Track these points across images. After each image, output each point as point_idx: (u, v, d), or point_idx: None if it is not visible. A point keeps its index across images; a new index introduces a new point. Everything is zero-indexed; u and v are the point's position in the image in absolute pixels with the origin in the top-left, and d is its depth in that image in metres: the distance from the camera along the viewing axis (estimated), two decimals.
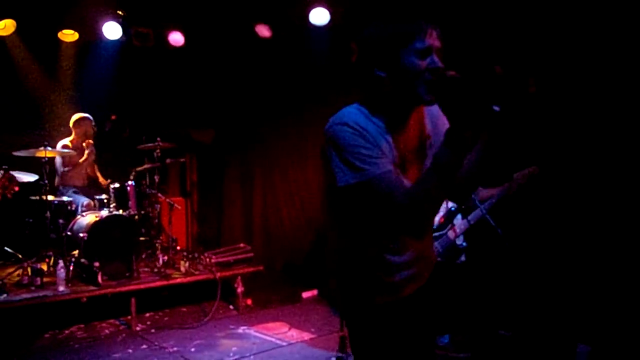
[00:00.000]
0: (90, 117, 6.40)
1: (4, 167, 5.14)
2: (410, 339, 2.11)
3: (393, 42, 1.96)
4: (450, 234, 4.16)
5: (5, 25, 6.06)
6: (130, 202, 5.85)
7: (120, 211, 5.68)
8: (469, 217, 4.12)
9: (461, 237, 4.19)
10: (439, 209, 1.98)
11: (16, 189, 4.82)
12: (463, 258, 4.21)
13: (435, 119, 2.15)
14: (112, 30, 6.33)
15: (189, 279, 5.62)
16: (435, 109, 2.13)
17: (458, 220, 4.22)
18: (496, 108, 1.71)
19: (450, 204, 4.25)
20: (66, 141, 6.25)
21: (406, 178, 2.00)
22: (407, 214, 1.90)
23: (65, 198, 5.89)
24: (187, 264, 5.79)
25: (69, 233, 5.51)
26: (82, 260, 5.27)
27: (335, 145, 1.95)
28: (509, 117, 1.77)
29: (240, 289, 5.75)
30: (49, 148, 5.53)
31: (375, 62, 2.01)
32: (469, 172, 1.97)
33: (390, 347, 2.08)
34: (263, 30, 6.51)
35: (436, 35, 1.96)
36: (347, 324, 2.26)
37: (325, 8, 6.04)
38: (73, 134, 6.34)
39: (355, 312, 2.17)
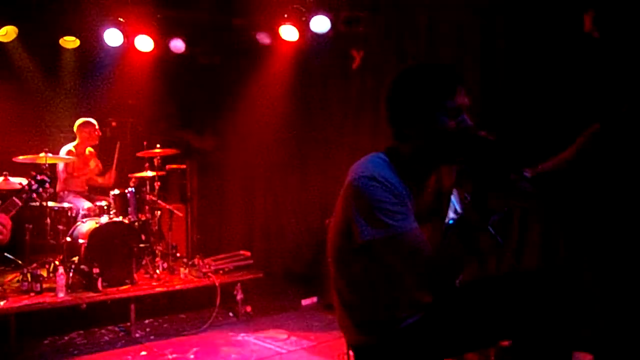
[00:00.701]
0: (94, 122, 6.43)
1: (4, 172, 5.16)
2: None
3: (422, 103, 1.95)
4: None
5: (6, 32, 6.08)
6: (130, 209, 5.85)
7: (120, 218, 5.68)
8: None
9: None
10: (461, 270, 1.96)
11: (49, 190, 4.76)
12: None
13: None
14: (113, 37, 6.35)
15: (188, 285, 5.62)
16: None
17: None
18: (527, 174, 1.67)
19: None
20: (70, 147, 6.27)
21: None
22: (432, 271, 1.88)
23: (65, 204, 5.90)
24: (186, 271, 5.78)
25: (68, 239, 5.51)
26: (82, 266, 5.27)
27: (362, 199, 1.93)
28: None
29: (239, 296, 5.73)
30: (50, 154, 5.53)
31: (404, 121, 2.00)
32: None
33: None
34: (263, 38, 6.53)
35: (465, 93, 1.95)
36: (356, 357, 2.26)
37: (326, 15, 6.06)
38: (77, 138, 6.36)
39: (364, 343, 2.17)
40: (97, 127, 6.45)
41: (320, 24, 6.07)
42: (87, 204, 5.95)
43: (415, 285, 2.03)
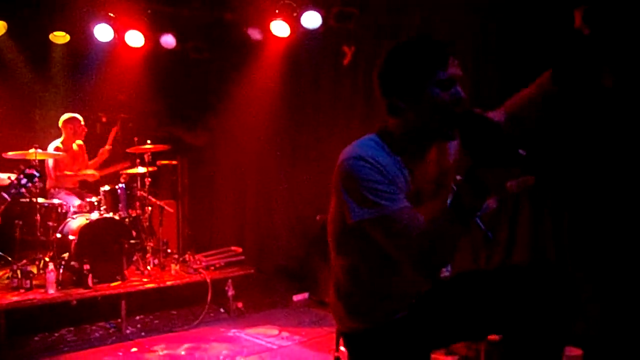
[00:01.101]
0: (79, 117, 6.38)
1: None
2: (410, 355, 2.12)
3: (413, 74, 1.92)
4: None
5: None
6: (120, 205, 5.83)
7: (111, 214, 5.66)
8: None
9: None
10: (454, 252, 1.91)
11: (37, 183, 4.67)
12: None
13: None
14: (103, 32, 6.31)
15: (179, 281, 5.61)
16: None
17: None
18: (522, 152, 1.64)
19: None
20: (57, 143, 6.24)
21: (421, 212, 1.95)
22: (421, 252, 1.84)
23: (55, 200, 5.87)
24: (177, 267, 5.78)
25: (59, 235, 5.48)
26: (72, 262, 5.25)
27: (351, 179, 1.91)
28: (533, 162, 1.69)
29: (230, 292, 5.73)
30: (40, 150, 5.50)
31: (396, 94, 1.97)
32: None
33: None
34: (255, 33, 6.51)
35: (457, 64, 1.92)
36: (346, 344, 2.26)
37: (317, 11, 6.04)
38: (63, 134, 6.33)
39: (355, 331, 2.17)
40: (82, 122, 6.40)
41: (312, 19, 6.06)
42: (77, 201, 5.92)
43: (409, 271, 2.01)
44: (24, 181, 4.33)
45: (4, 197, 4.06)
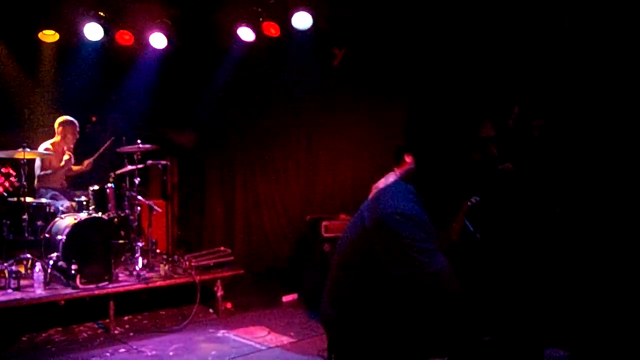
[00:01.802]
0: (76, 122, 6.31)
1: None
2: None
3: (448, 139, 1.96)
4: None
5: None
6: (109, 205, 5.81)
7: (100, 214, 5.63)
8: None
9: None
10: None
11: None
12: None
13: None
14: (93, 31, 6.28)
15: (168, 282, 5.59)
16: None
17: None
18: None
19: None
20: (48, 144, 6.17)
21: None
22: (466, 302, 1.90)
23: (43, 200, 5.83)
24: (166, 267, 5.75)
25: (47, 235, 5.45)
26: (60, 263, 5.22)
27: (396, 236, 1.92)
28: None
29: (219, 293, 5.73)
30: (28, 149, 5.46)
31: (429, 155, 2.01)
32: None
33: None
34: (245, 33, 6.50)
35: (490, 125, 1.96)
36: (337, 352, 2.25)
37: (308, 12, 6.05)
38: (57, 135, 6.25)
39: (349, 340, 2.17)
40: (77, 128, 6.34)
41: (302, 20, 6.06)
42: (66, 203, 5.88)
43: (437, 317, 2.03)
44: (0, 180, 4.34)
45: None
